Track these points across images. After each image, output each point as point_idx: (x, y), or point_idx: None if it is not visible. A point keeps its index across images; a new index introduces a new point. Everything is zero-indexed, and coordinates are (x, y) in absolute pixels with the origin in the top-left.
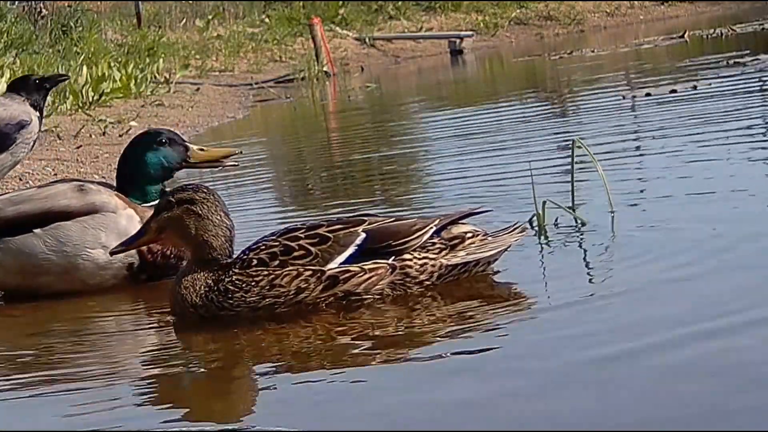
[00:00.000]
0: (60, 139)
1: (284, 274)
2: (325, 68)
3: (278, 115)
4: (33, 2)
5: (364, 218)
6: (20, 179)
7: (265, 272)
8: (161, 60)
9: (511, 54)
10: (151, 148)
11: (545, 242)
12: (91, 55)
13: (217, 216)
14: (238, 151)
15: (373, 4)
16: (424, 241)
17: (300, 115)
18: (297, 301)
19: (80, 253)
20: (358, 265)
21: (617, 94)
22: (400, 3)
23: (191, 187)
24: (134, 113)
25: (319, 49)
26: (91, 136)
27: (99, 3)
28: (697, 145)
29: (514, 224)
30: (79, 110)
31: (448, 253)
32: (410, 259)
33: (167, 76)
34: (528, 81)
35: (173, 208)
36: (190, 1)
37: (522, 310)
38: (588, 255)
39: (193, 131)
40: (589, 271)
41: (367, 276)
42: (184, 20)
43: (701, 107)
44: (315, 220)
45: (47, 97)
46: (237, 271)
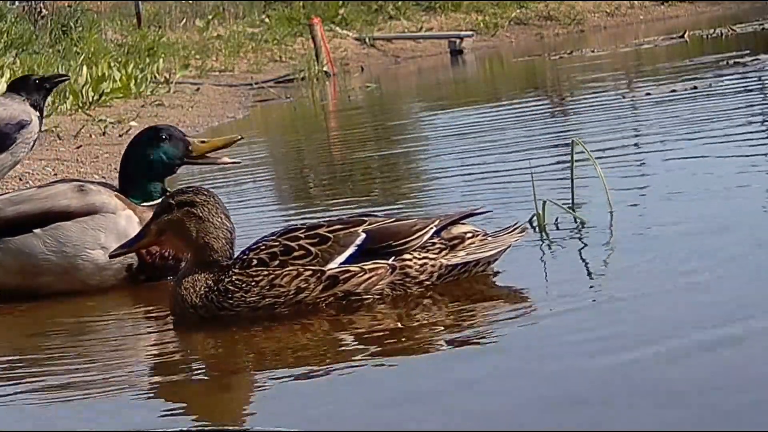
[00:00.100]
0: (60, 139)
1: (284, 274)
2: (325, 68)
3: (278, 115)
4: (33, 2)
5: (364, 218)
6: (20, 179)
7: (265, 272)
8: (161, 60)
9: (511, 54)
10: (150, 145)
11: (545, 242)
12: (91, 55)
13: (218, 218)
14: (238, 137)
15: (373, 4)
16: (424, 241)
17: (300, 115)
18: (297, 301)
19: (80, 253)
20: (358, 265)
21: (617, 93)
22: (400, 3)
23: (191, 190)
24: (134, 113)
25: (319, 49)
26: (91, 136)
27: (99, 3)
28: (697, 145)
29: (514, 224)
30: (79, 110)
31: (448, 253)
32: (410, 260)
33: (167, 76)
34: (528, 81)
35: (173, 211)
36: (190, 1)
37: (521, 311)
38: (588, 255)
39: (193, 131)
40: (589, 272)
41: (367, 276)
42: (184, 20)
43: (701, 107)
44: (315, 219)
45: (47, 97)
46: (237, 271)
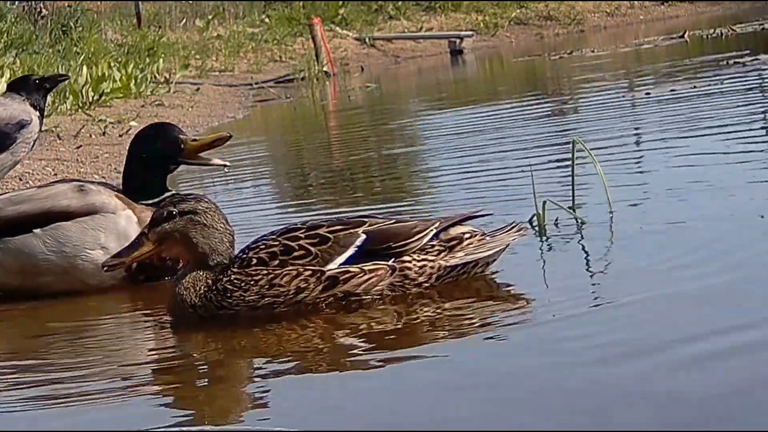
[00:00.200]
0: (60, 139)
1: (284, 273)
2: (325, 68)
3: (278, 115)
4: (33, 2)
5: (365, 219)
6: (20, 179)
7: (265, 271)
8: (161, 60)
9: (511, 54)
10: (145, 143)
11: (545, 242)
12: (91, 55)
13: (221, 224)
14: (227, 135)
15: (373, 4)
16: (424, 243)
17: (300, 115)
18: (296, 301)
19: (80, 253)
20: (358, 266)
21: (617, 93)
22: (400, 3)
23: (192, 198)
24: (134, 113)
25: (319, 49)
26: (91, 136)
27: (99, 3)
28: (697, 145)
29: (512, 223)
30: (79, 110)
31: (446, 255)
32: (409, 261)
33: (167, 76)
34: (528, 81)
35: (175, 219)
36: (190, 1)
37: (521, 312)
38: (588, 255)
39: (193, 131)
40: (589, 272)
41: (366, 277)
42: (184, 20)
43: (701, 107)
44: (315, 219)
45: (47, 97)
46: (235, 270)
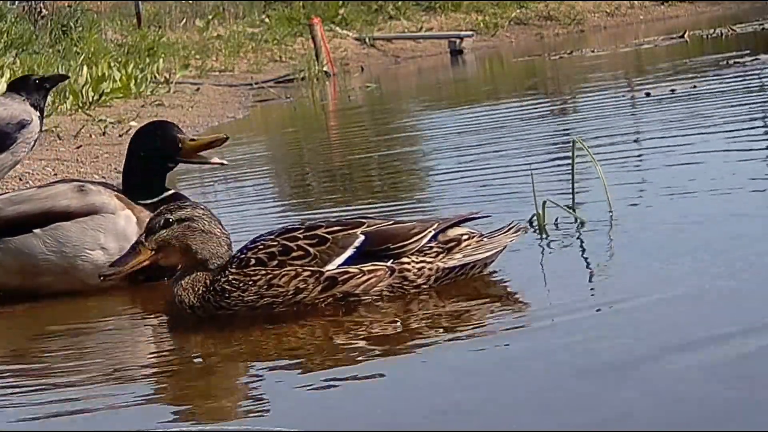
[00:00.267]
0: (60, 139)
1: (282, 274)
2: (325, 68)
3: (278, 115)
4: (33, 2)
5: (363, 220)
6: (20, 179)
7: (263, 272)
8: (161, 60)
9: (511, 54)
10: (145, 141)
11: (545, 242)
12: (91, 55)
13: (218, 228)
14: (224, 136)
15: (373, 4)
16: (422, 244)
17: (300, 115)
18: (296, 302)
19: (79, 253)
20: (357, 266)
21: (617, 93)
22: (400, 3)
23: (188, 205)
24: (134, 113)
25: (319, 49)
26: (91, 136)
27: (99, 3)
28: (697, 145)
29: (509, 224)
30: (79, 110)
31: (444, 256)
32: (408, 263)
33: (167, 76)
34: (528, 81)
35: (172, 227)
36: (190, 1)
37: (520, 312)
38: (588, 255)
39: (193, 131)
40: (589, 273)
41: (365, 278)
42: (184, 20)
43: (701, 107)
44: (312, 220)
45: (47, 97)
46: (233, 270)
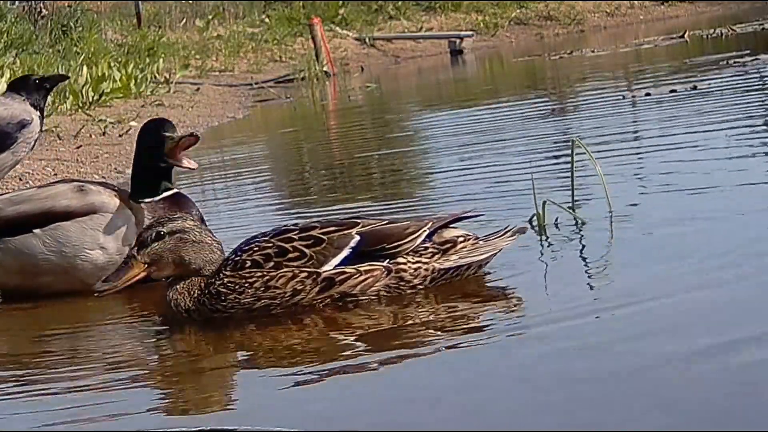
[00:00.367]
0: (60, 139)
1: (279, 275)
2: (325, 68)
3: (278, 115)
4: (33, 2)
5: (357, 220)
6: (20, 179)
7: (259, 274)
8: (161, 60)
9: (511, 54)
10: (141, 140)
11: (545, 242)
12: (91, 55)
13: (209, 237)
14: (188, 133)
15: (373, 4)
16: (417, 244)
17: (300, 115)
18: (293, 303)
19: (79, 253)
20: (354, 267)
21: (617, 93)
22: (400, 3)
23: (179, 217)
24: (134, 113)
25: (319, 49)
26: (91, 136)
27: (99, 3)
28: (697, 145)
29: (506, 228)
30: (79, 110)
31: (440, 257)
32: (404, 263)
33: (167, 76)
34: (528, 81)
35: (164, 239)
36: (190, 1)
37: (519, 312)
38: (587, 256)
39: (193, 131)
40: (589, 273)
41: (363, 278)
42: (184, 20)
43: (701, 107)
44: (314, 219)
45: (47, 97)
46: (228, 273)
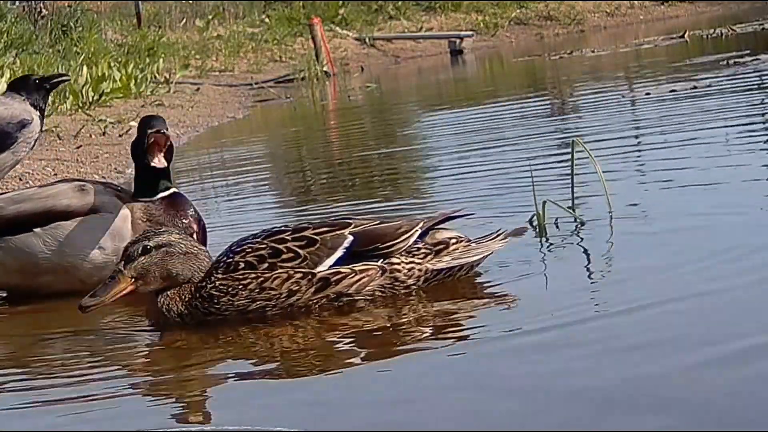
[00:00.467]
0: (60, 139)
1: (274, 276)
2: (325, 68)
3: (278, 115)
4: (33, 2)
5: (349, 221)
6: (20, 179)
7: (253, 275)
8: (161, 60)
9: (511, 54)
10: (140, 140)
11: (545, 242)
12: (91, 55)
13: (195, 248)
14: (155, 129)
15: (373, 4)
16: (410, 243)
17: (300, 115)
18: (289, 304)
19: (79, 253)
20: (349, 267)
21: (617, 93)
22: (400, 3)
23: (165, 231)
24: (134, 113)
25: (319, 49)
26: (91, 136)
27: (99, 3)
28: (697, 145)
29: (498, 230)
30: (79, 110)
31: (433, 258)
32: (398, 263)
33: (167, 76)
34: (528, 81)
35: (151, 253)
36: (190, 1)
37: (518, 312)
38: (587, 256)
39: (193, 131)
40: (588, 273)
41: (357, 277)
42: (184, 20)
43: (701, 107)
44: (315, 219)
45: (48, 97)
46: (221, 276)
